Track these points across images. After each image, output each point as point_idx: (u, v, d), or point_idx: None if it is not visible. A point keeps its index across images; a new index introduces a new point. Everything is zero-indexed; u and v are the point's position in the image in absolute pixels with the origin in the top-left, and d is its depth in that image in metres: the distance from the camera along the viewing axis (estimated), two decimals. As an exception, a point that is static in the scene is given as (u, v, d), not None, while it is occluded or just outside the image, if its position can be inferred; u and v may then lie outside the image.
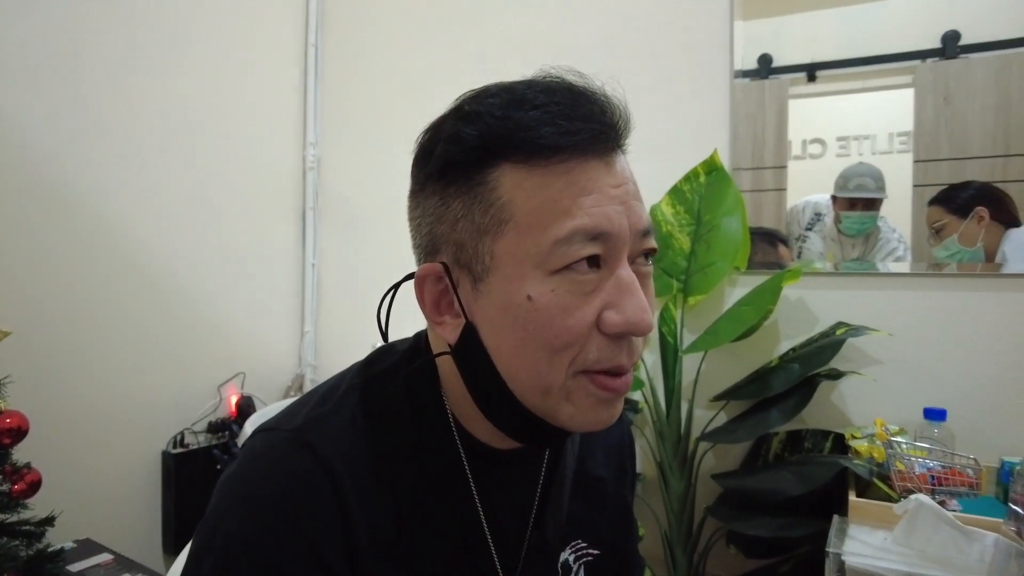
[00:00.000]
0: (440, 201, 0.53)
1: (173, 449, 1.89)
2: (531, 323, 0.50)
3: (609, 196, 0.50)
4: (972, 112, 1.52)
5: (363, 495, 0.54)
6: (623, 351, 0.52)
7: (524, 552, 0.63)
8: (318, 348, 2.35)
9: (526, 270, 0.50)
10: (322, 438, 0.55)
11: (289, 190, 2.30)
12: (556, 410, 0.53)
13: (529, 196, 0.49)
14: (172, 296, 1.91)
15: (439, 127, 0.55)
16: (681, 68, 1.79)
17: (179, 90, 1.91)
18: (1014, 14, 1.50)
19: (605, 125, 0.51)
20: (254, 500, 0.53)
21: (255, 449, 0.57)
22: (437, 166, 0.53)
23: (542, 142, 0.49)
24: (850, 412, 1.58)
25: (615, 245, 0.50)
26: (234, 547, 0.51)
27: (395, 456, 0.57)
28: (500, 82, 0.55)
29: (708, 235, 1.60)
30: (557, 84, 0.52)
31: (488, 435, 0.59)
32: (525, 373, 0.52)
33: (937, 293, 1.53)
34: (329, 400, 0.59)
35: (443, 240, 0.53)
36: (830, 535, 1.09)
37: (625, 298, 0.50)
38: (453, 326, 0.55)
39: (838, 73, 1.66)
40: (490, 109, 0.51)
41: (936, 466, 1.20)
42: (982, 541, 1.00)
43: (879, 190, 1.61)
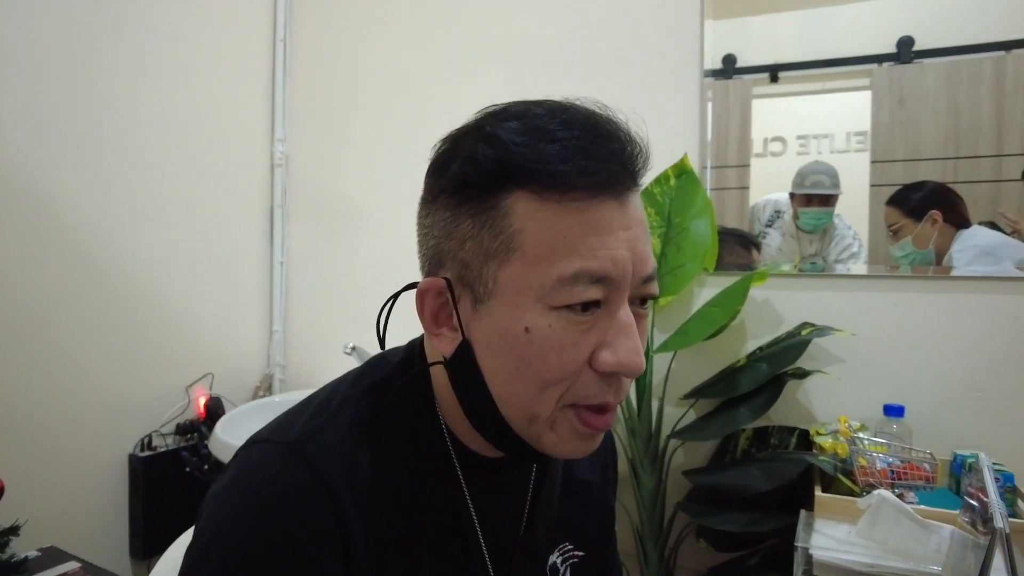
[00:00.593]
0: (451, 217, 0.54)
1: (141, 452, 1.85)
2: (526, 354, 0.51)
3: (618, 239, 0.51)
4: (925, 115, 1.58)
5: (360, 505, 0.55)
6: (611, 389, 0.54)
7: (515, 556, 0.65)
8: (287, 348, 2.33)
9: (527, 301, 0.51)
10: (318, 450, 0.55)
11: (257, 187, 2.27)
12: (540, 437, 0.55)
13: (540, 228, 0.50)
14: (137, 296, 1.87)
15: (458, 142, 0.55)
16: (653, 68, 1.81)
17: (144, 86, 1.86)
18: (963, 22, 1.55)
19: (623, 166, 0.51)
20: (252, 512, 0.53)
21: (250, 461, 0.57)
22: (453, 183, 0.53)
23: (559, 179, 0.49)
24: (815, 409, 1.63)
25: (616, 288, 0.51)
26: (233, 560, 0.51)
27: (391, 466, 0.58)
28: (522, 101, 0.55)
29: (678, 237, 1.63)
30: (579, 117, 0.52)
31: (479, 444, 0.61)
32: (515, 399, 0.54)
33: (895, 295, 1.59)
34: (324, 411, 0.59)
35: (449, 256, 0.54)
36: (798, 529, 1.13)
37: (620, 339, 0.52)
38: (450, 340, 0.56)
39: (799, 74, 1.70)
40: (510, 135, 0.51)
41: (895, 461, 1.25)
42: (939, 533, 1.05)
43: (834, 186, 1.67)
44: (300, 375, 2.31)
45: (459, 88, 2.03)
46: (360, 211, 2.19)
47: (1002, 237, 1.52)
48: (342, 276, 2.23)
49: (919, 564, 1.00)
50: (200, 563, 0.53)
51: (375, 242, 2.15)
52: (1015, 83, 1.51)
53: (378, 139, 2.18)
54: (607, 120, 0.53)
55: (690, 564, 1.68)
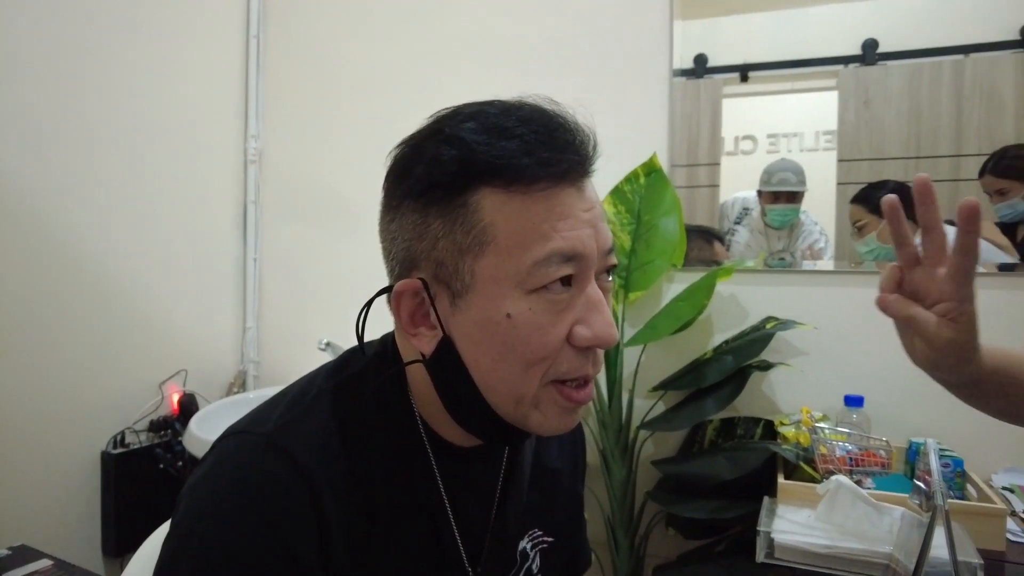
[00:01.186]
0: (420, 219, 0.55)
1: (113, 449, 1.84)
2: (509, 339, 0.54)
3: (581, 220, 0.54)
4: (889, 116, 1.63)
5: (337, 496, 0.56)
6: (589, 361, 0.57)
7: (487, 542, 0.67)
8: (260, 344, 2.32)
9: (506, 289, 0.53)
10: (295, 441, 0.57)
11: (230, 183, 2.26)
12: (526, 417, 0.57)
13: (509, 219, 0.53)
14: (109, 292, 1.86)
15: (418, 147, 0.57)
16: (624, 68, 1.84)
17: (115, 81, 1.85)
18: (924, 26, 1.60)
19: (579, 155, 0.55)
20: (230, 503, 0.54)
21: (227, 453, 0.58)
22: (418, 187, 0.55)
23: (523, 172, 0.52)
24: (779, 400, 1.68)
25: (586, 265, 0.55)
26: (212, 550, 0.52)
27: (366, 457, 0.60)
28: (472, 103, 0.58)
29: (647, 234, 1.67)
30: (534, 114, 0.55)
31: (454, 435, 0.63)
32: (501, 384, 0.56)
33: (856, 289, 1.64)
34: (300, 404, 0.61)
35: (423, 256, 0.56)
36: (761, 515, 1.17)
37: (593, 315, 0.55)
38: (429, 338, 0.58)
39: (768, 74, 1.74)
40: (471, 135, 0.53)
41: (854, 449, 1.30)
42: (891, 515, 1.10)
43: (800, 183, 1.71)
44: (274, 371, 2.30)
45: (434, 85, 2.05)
46: (334, 208, 2.20)
47: None
48: (316, 272, 2.23)
49: (872, 544, 1.05)
50: (178, 554, 0.54)
51: (349, 238, 2.15)
52: (972, 86, 1.56)
53: (352, 135, 2.18)
54: (557, 114, 0.56)
55: (660, 552, 1.71)
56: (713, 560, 1.49)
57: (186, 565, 0.53)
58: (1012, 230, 1.54)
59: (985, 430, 1.50)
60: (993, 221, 1.55)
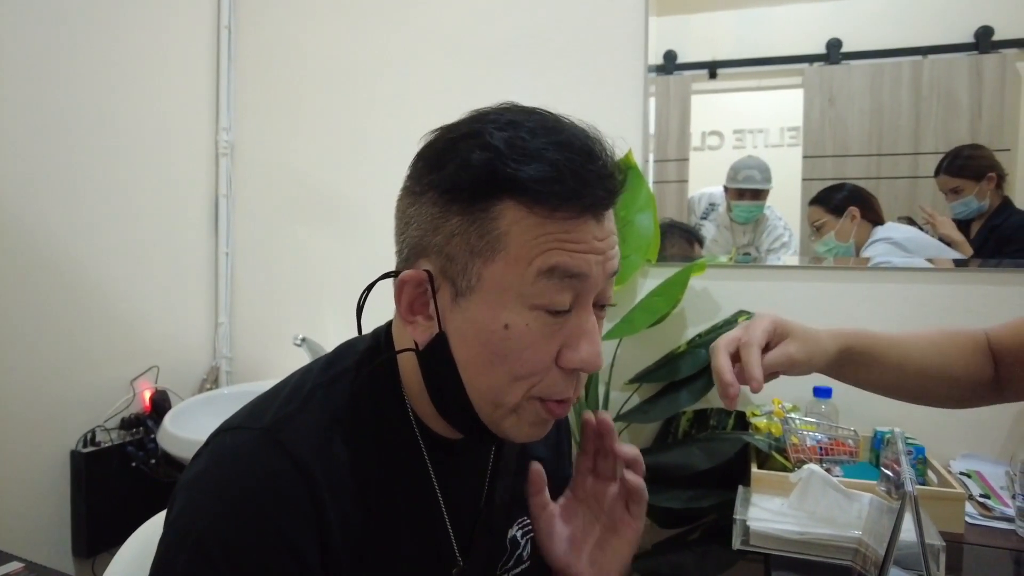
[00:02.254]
0: (439, 213, 0.56)
1: (83, 448, 1.81)
2: (502, 349, 0.56)
3: (593, 247, 0.56)
4: (852, 114, 1.67)
5: (334, 489, 0.57)
6: (572, 384, 0.60)
7: (476, 531, 0.69)
8: (233, 339, 2.29)
9: (508, 299, 0.55)
10: (293, 436, 0.58)
11: (201, 177, 2.22)
12: (501, 420, 0.60)
13: (524, 232, 0.54)
14: (78, 287, 1.82)
15: (455, 143, 0.57)
16: (599, 64, 1.85)
17: (83, 72, 1.81)
18: (885, 27, 1.65)
19: (606, 191, 0.56)
20: (228, 498, 0.54)
21: (224, 448, 0.59)
22: (446, 183, 0.56)
23: (550, 198, 0.53)
24: (750, 392, 1.71)
25: (587, 288, 0.56)
26: (209, 544, 0.53)
27: (362, 451, 0.61)
28: (516, 108, 0.59)
29: (623, 230, 1.69)
30: (573, 140, 0.56)
31: (443, 427, 0.65)
32: (486, 388, 0.58)
33: (821, 284, 1.69)
34: (295, 398, 0.62)
35: (434, 249, 0.57)
36: (736, 504, 1.20)
37: (584, 341, 0.57)
38: (424, 328, 0.59)
39: (736, 71, 1.77)
40: (507, 148, 0.54)
41: (823, 438, 1.35)
42: (860, 501, 1.14)
43: (764, 181, 1.76)
44: (247, 367, 2.28)
45: (407, 79, 2.04)
46: (308, 201, 2.18)
47: (913, 232, 1.63)
48: (290, 267, 2.21)
49: (842, 529, 1.09)
50: (176, 551, 0.54)
51: (324, 232, 2.14)
52: (930, 87, 1.60)
53: (326, 128, 2.16)
54: (596, 142, 0.57)
55: (635, 541, 1.75)
56: (688, 548, 1.53)
57: (184, 558, 0.53)
58: (966, 227, 1.60)
59: (944, 419, 1.56)
60: (950, 217, 1.61)
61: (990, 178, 1.57)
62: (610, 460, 0.71)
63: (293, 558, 0.54)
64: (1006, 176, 1.57)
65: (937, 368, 0.80)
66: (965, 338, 0.81)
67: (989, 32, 1.57)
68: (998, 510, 1.28)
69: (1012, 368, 0.78)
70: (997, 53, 1.57)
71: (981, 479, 1.42)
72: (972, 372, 0.79)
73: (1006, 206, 1.58)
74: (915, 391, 0.82)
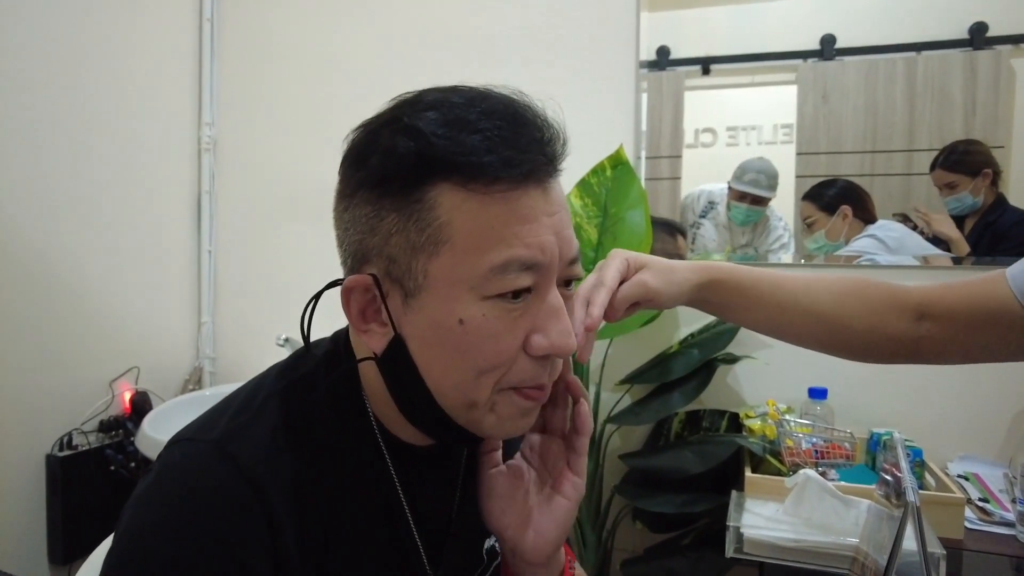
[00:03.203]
0: (373, 212, 0.52)
1: (59, 452, 1.76)
2: (462, 345, 0.52)
3: (544, 225, 0.52)
4: (846, 110, 1.65)
5: (289, 503, 0.54)
6: (545, 370, 0.56)
7: (448, 543, 0.66)
8: (217, 339, 2.25)
9: (459, 293, 0.51)
10: (244, 447, 0.54)
11: (183, 173, 2.18)
12: (480, 421, 0.56)
13: (467, 219, 0.50)
14: (54, 286, 1.77)
15: (375, 134, 0.53)
16: (590, 59, 1.83)
17: (61, 66, 1.75)
18: (879, 23, 1.63)
19: (545, 155, 0.52)
20: (176, 515, 0.51)
21: (173, 461, 0.56)
22: (373, 178, 0.52)
23: (484, 170, 0.49)
24: (744, 393, 1.69)
25: (546, 273, 0.52)
26: (155, 564, 0.49)
27: (320, 461, 0.57)
28: (436, 88, 0.54)
29: (614, 227, 1.66)
30: (499, 107, 0.52)
31: (410, 435, 0.61)
32: (452, 389, 0.54)
33: (817, 282, 1.67)
34: (248, 408, 0.58)
35: (374, 252, 0.53)
36: (729, 509, 1.18)
37: (551, 323, 0.53)
38: (380, 335, 0.55)
39: (729, 68, 1.75)
40: (431, 126, 0.50)
41: (819, 441, 1.32)
42: (858, 507, 1.12)
43: (769, 188, 1.72)
44: (231, 368, 2.24)
45: (394, 72, 2.00)
46: (293, 198, 2.14)
47: (902, 231, 1.62)
48: (274, 265, 2.17)
49: (838, 537, 1.06)
50: (119, 570, 0.51)
51: (309, 230, 2.09)
52: (924, 83, 1.59)
53: (311, 123, 2.12)
54: (525, 107, 0.53)
55: (627, 546, 1.72)
56: (680, 553, 1.50)
57: None
58: (960, 223, 1.59)
59: (941, 419, 1.56)
60: (939, 216, 1.59)
61: (985, 174, 1.56)
62: (560, 411, 0.66)
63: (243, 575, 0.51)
64: (1001, 173, 1.56)
65: (829, 315, 0.76)
66: (879, 292, 0.77)
67: (983, 28, 1.56)
68: (997, 515, 1.26)
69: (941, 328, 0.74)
70: (991, 49, 1.56)
71: (979, 482, 1.41)
72: (874, 326, 0.75)
73: (1000, 203, 1.57)
74: (803, 334, 0.79)
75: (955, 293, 0.74)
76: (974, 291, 0.73)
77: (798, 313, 0.77)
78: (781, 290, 0.77)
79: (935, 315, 0.74)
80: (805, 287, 0.78)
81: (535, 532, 0.62)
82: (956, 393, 1.55)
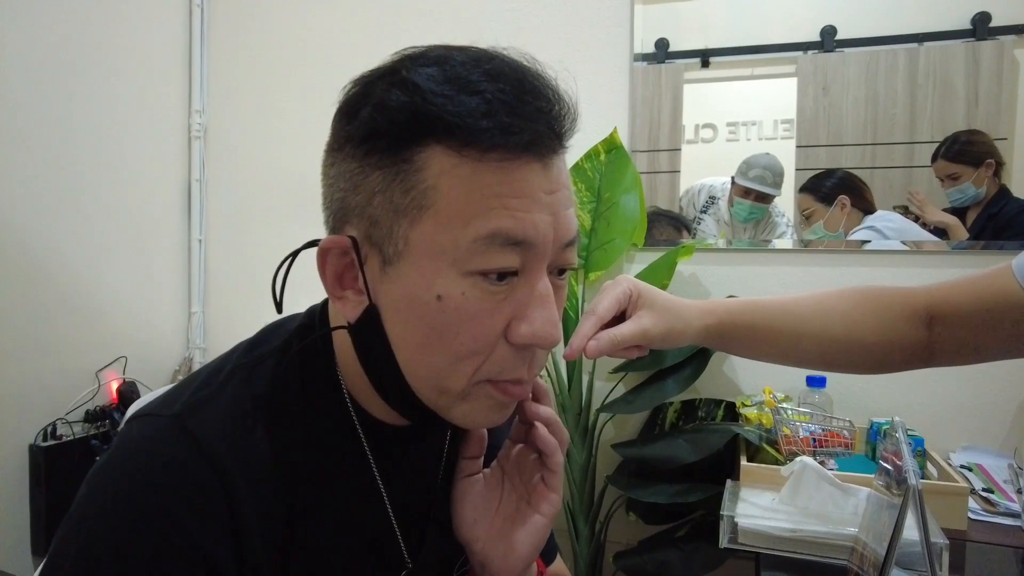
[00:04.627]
0: (358, 168, 0.49)
1: (43, 442, 1.73)
2: (438, 324, 0.48)
3: (540, 203, 0.48)
4: (846, 103, 1.63)
5: (252, 482, 0.51)
6: (525, 363, 0.52)
7: (428, 529, 0.63)
8: (207, 329, 2.22)
9: (440, 266, 0.47)
10: (204, 424, 0.51)
11: (173, 161, 2.15)
12: (450, 408, 0.52)
13: (455, 186, 0.46)
14: (41, 274, 1.73)
15: (369, 85, 0.50)
16: (585, 45, 1.80)
17: (48, 49, 1.72)
18: (880, 14, 1.61)
19: (549, 126, 0.48)
20: (127, 494, 0.48)
21: (130, 437, 0.52)
22: (361, 131, 0.49)
23: (480, 135, 0.45)
24: (740, 381, 1.67)
25: (536, 255, 0.49)
26: (99, 546, 0.46)
27: (287, 439, 0.54)
28: (443, 46, 0.51)
29: (608, 212, 1.63)
30: (506, 69, 0.48)
31: (386, 413, 0.58)
32: (425, 370, 0.51)
33: (815, 268, 1.65)
34: (212, 383, 0.55)
35: (356, 212, 0.50)
36: (724, 499, 1.14)
37: (536, 310, 0.49)
38: (355, 303, 0.52)
39: (729, 60, 1.73)
40: (428, 83, 0.46)
41: (817, 429, 1.29)
42: (856, 496, 1.08)
43: (774, 186, 1.69)
44: (222, 358, 2.21)
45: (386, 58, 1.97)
46: (285, 185, 2.11)
47: (900, 221, 1.60)
48: (266, 254, 2.14)
49: (837, 527, 1.03)
50: (63, 552, 0.48)
51: (301, 218, 2.05)
52: (926, 74, 1.57)
53: (304, 109, 2.09)
54: (535, 74, 0.50)
55: (621, 538, 1.69)
56: (674, 545, 1.47)
57: (68, 562, 0.47)
58: (962, 215, 1.57)
59: (943, 409, 1.53)
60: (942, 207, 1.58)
61: (988, 164, 1.54)
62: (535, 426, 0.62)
63: (200, 561, 0.47)
64: (1004, 164, 1.54)
65: (840, 336, 0.74)
66: (887, 300, 0.74)
67: (987, 18, 1.54)
68: (1002, 505, 1.23)
69: (952, 329, 0.72)
70: (994, 40, 1.54)
71: (983, 472, 1.38)
72: (890, 337, 0.73)
73: (1003, 194, 1.55)
74: (816, 359, 0.76)
75: (961, 291, 0.71)
76: (981, 288, 0.70)
77: (809, 339, 0.74)
78: (790, 317, 0.75)
79: (944, 317, 0.71)
80: (813, 310, 0.75)
81: (507, 548, 0.59)
82: (959, 381, 1.52)
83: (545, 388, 0.63)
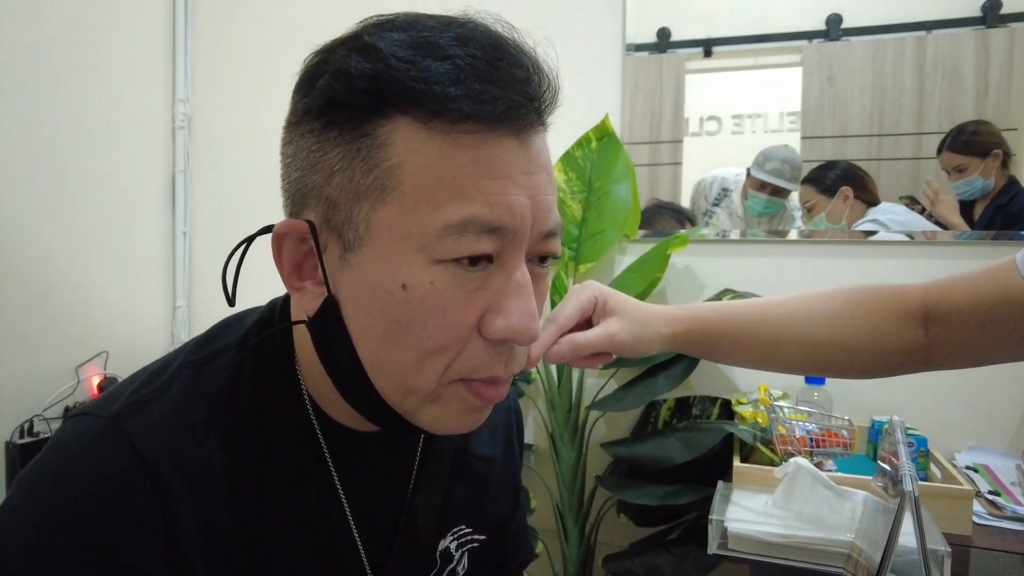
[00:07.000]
0: (316, 144, 0.45)
1: (20, 439, 1.69)
2: (403, 316, 0.43)
3: (517, 184, 0.43)
4: (852, 93, 1.60)
5: (196, 493, 0.47)
6: (502, 360, 0.47)
7: (395, 544, 0.58)
8: (192, 324, 2.19)
9: (405, 252, 0.43)
10: (143, 426, 0.47)
11: (157, 151, 2.10)
12: (417, 411, 0.47)
13: (423, 165, 0.42)
14: (20, 266, 1.69)
15: (330, 53, 0.46)
16: (577, 32, 1.76)
17: (26, 39, 1.68)
18: (888, 1, 1.56)
19: (527, 97, 0.44)
20: (51, 502, 0.44)
21: (63, 439, 0.48)
22: (318, 102, 0.44)
23: (447, 103, 0.41)
24: (737, 378, 1.63)
25: (512, 243, 0.44)
26: (12, 560, 0.42)
27: (238, 444, 0.49)
28: (412, 13, 0.46)
29: (599, 202, 1.58)
30: (477, 34, 0.44)
31: (350, 418, 0.53)
32: (389, 367, 0.46)
33: (815, 260, 1.60)
34: (156, 381, 0.50)
35: (313, 193, 0.45)
36: (714, 501, 1.10)
37: (513, 302, 0.45)
38: (314, 295, 0.47)
39: (732, 49, 1.69)
40: (392, 48, 0.42)
41: (814, 428, 1.24)
42: (853, 499, 1.04)
43: (792, 180, 1.63)
44: (208, 354, 2.17)
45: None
46: (272, 177, 2.04)
47: (904, 214, 1.56)
48: (253, 247, 2.10)
49: (831, 532, 0.98)
50: None
51: (288, 211, 2.03)
52: (934, 63, 1.54)
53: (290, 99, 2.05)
54: (512, 42, 0.45)
55: (611, 540, 1.64)
56: (666, 549, 1.42)
57: None
58: (970, 207, 1.53)
59: (948, 407, 1.48)
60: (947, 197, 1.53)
61: (995, 155, 1.50)
62: None
63: (123, 571, 0.43)
64: (1013, 155, 1.50)
65: (824, 340, 0.69)
66: (877, 300, 0.69)
67: (997, 5, 1.50)
68: (1009, 509, 1.19)
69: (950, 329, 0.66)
70: (1005, 27, 1.50)
71: (989, 474, 1.33)
72: (880, 339, 0.68)
73: (1012, 185, 1.51)
74: (802, 364, 0.72)
75: (960, 288, 0.66)
76: (982, 284, 0.65)
77: (791, 344, 0.70)
78: (769, 322, 0.70)
79: (941, 315, 0.66)
80: (795, 313, 0.70)
81: None
82: (964, 378, 1.47)
83: None
